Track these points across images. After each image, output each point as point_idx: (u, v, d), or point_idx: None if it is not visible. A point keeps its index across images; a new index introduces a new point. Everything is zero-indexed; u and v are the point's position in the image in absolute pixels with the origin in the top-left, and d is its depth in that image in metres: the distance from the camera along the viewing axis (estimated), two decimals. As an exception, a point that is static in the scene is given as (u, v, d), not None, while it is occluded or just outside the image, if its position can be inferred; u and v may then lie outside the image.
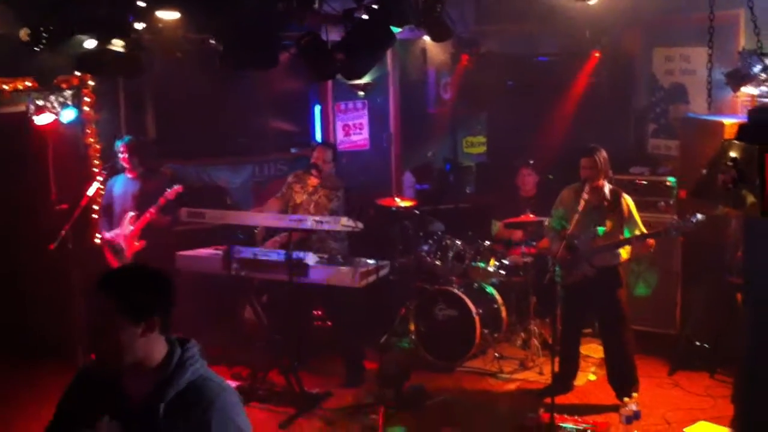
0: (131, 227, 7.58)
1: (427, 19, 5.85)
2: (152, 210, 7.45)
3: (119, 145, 7.66)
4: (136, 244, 7.58)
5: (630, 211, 6.59)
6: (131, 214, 7.58)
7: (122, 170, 7.75)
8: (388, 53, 9.07)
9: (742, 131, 3.99)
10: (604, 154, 6.60)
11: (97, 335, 2.68)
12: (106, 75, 7.50)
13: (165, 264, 7.36)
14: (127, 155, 7.61)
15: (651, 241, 6.53)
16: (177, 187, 7.52)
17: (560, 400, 6.65)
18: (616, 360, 6.77)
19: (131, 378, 2.72)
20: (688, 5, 7.44)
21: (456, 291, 7.70)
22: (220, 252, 7.07)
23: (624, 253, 6.58)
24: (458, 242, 8.01)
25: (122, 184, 7.75)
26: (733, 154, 4.13)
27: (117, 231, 7.67)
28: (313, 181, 7.46)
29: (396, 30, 5.91)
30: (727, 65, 6.91)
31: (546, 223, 7.15)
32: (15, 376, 7.46)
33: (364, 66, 6.05)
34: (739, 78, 6.76)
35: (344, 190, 7.45)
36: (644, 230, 6.56)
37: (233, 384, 7.19)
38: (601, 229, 6.54)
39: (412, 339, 7.88)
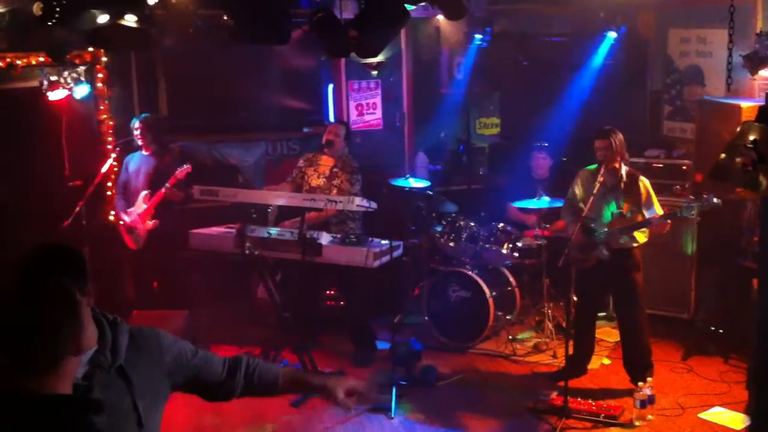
0: (145, 206, 7.58)
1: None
2: (163, 190, 7.45)
3: (135, 122, 7.65)
4: (150, 223, 7.58)
5: (648, 193, 6.52)
6: (145, 192, 7.58)
7: (138, 148, 7.75)
8: (402, 32, 8.98)
9: (762, 113, 3.95)
10: (620, 136, 6.54)
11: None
12: (118, 50, 7.47)
13: (178, 242, 7.40)
14: (141, 132, 7.60)
15: (667, 223, 6.47)
16: (186, 167, 7.52)
17: (574, 383, 6.63)
18: (631, 344, 6.73)
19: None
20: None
21: (469, 273, 7.68)
22: (233, 230, 7.05)
23: (641, 236, 6.52)
24: (472, 223, 7.97)
25: (137, 162, 7.76)
26: (752, 136, 4.08)
27: (132, 210, 7.67)
28: (327, 160, 7.42)
29: (410, 8, 5.86)
30: (743, 47, 6.83)
31: (563, 205, 7.09)
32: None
33: (377, 44, 5.99)
34: (757, 60, 6.69)
35: (361, 173, 7.42)
36: (662, 212, 6.49)
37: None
38: (611, 210, 6.48)
39: (425, 320, 7.87)
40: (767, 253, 5.56)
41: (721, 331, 7.30)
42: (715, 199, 6.25)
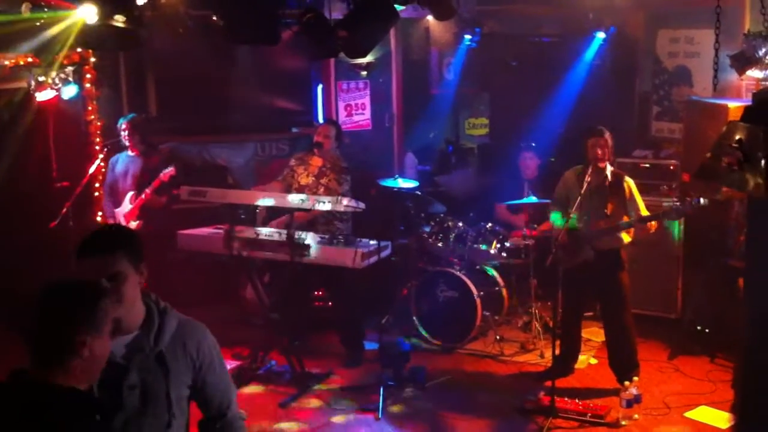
0: (130, 206, 7.57)
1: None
2: (148, 191, 7.44)
3: (122, 123, 7.64)
4: (134, 223, 7.55)
5: (632, 194, 6.55)
6: (131, 193, 7.57)
7: (125, 148, 7.73)
8: (391, 32, 9.00)
9: (748, 112, 3.96)
10: (611, 137, 6.58)
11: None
12: (105, 50, 7.46)
13: (166, 243, 7.38)
14: (128, 133, 7.58)
15: (652, 224, 6.49)
16: (170, 170, 7.50)
17: (561, 383, 6.64)
18: (617, 343, 6.76)
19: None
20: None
21: (457, 273, 7.69)
22: (221, 231, 7.04)
23: (626, 236, 6.55)
24: (460, 224, 7.99)
25: (124, 162, 7.74)
26: (738, 135, 4.10)
27: (118, 210, 7.65)
28: (316, 160, 7.42)
29: (399, 8, 5.87)
30: (731, 48, 6.86)
31: (549, 205, 7.12)
32: (17, 352, 7.45)
33: (366, 44, 6.01)
34: (744, 61, 6.71)
35: (350, 173, 7.42)
36: (646, 213, 6.52)
37: (233, 364, 7.21)
38: (596, 210, 6.51)
39: (413, 320, 7.88)
40: (753, 252, 5.59)
41: (707, 330, 7.33)
42: (702, 200, 6.27)
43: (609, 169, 6.59)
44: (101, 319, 2.46)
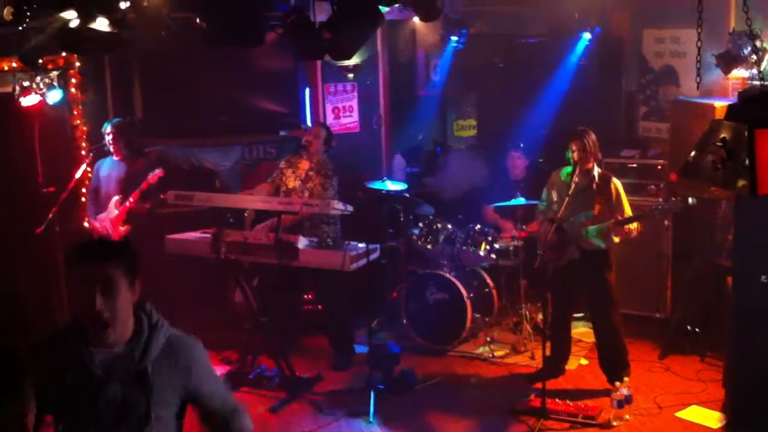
0: (116, 211, 7.52)
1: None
2: (134, 195, 7.40)
3: (107, 127, 7.60)
4: (122, 228, 7.52)
5: (619, 195, 6.54)
6: (116, 198, 7.52)
7: (110, 153, 7.69)
8: (378, 34, 9.00)
9: (732, 111, 3.96)
10: (593, 136, 6.56)
11: (97, 301, 2.72)
12: (89, 53, 7.41)
13: (153, 247, 7.33)
14: (113, 137, 7.54)
15: (632, 226, 6.47)
16: (158, 172, 7.47)
17: (551, 384, 6.64)
18: (606, 344, 6.75)
19: (108, 347, 2.82)
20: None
21: (447, 275, 7.68)
22: (208, 235, 7.01)
23: (613, 237, 6.53)
24: (449, 226, 7.98)
25: (108, 167, 7.70)
26: (722, 134, 4.10)
27: (103, 215, 7.61)
28: (304, 164, 7.40)
29: (384, 9, 5.84)
30: (717, 47, 6.87)
31: (537, 206, 7.11)
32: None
33: (351, 46, 5.96)
34: (729, 60, 6.73)
35: (338, 178, 7.39)
36: (630, 214, 6.51)
37: (222, 369, 7.18)
38: (586, 214, 6.50)
39: (403, 322, 7.85)
40: (742, 250, 5.61)
41: (697, 329, 7.34)
42: (691, 200, 6.28)
43: (596, 170, 6.58)
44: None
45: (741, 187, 4.01)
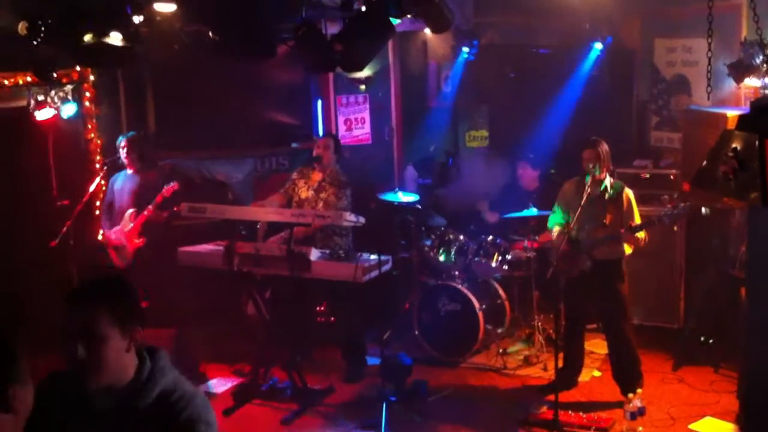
0: (131, 224, 7.56)
1: (425, 10, 5.79)
2: (150, 207, 7.44)
3: (121, 140, 7.64)
4: (137, 241, 7.56)
5: (630, 205, 6.53)
6: (131, 210, 7.56)
7: (124, 166, 7.73)
8: (389, 46, 9.02)
9: (743, 121, 3.95)
10: (605, 146, 6.55)
11: (78, 350, 2.55)
12: (103, 67, 7.47)
13: (167, 260, 7.36)
14: (127, 150, 7.59)
15: (640, 235, 6.44)
16: (173, 185, 7.50)
17: (564, 396, 6.61)
18: (619, 355, 6.72)
19: (101, 390, 2.63)
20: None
21: (459, 286, 7.67)
22: (221, 247, 7.03)
23: (627, 247, 6.52)
24: (461, 237, 7.97)
25: (122, 180, 7.75)
26: (734, 144, 4.10)
27: (117, 228, 7.65)
28: (317, 175, 7.42)
29: (395, 21, 5.87)
30: (729, 56, 6.86)
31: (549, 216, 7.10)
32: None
33: (362, 58, 6.00)
34: (741, 69, 6.71)
35: (351, 188, 7.41)
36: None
37: (235, 381, 7.19)
38: (598, 224, 6.49)
39: (415, 334, 7.85)
40: (755, 261, 5.58)
41: (711, 340, 7.29)
42: (703, 209, 6.27)
43: (608, 179, 6.57)
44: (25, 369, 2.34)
45: (753, 198, 4.01)
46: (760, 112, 3.67)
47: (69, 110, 7.67)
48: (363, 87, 9.32)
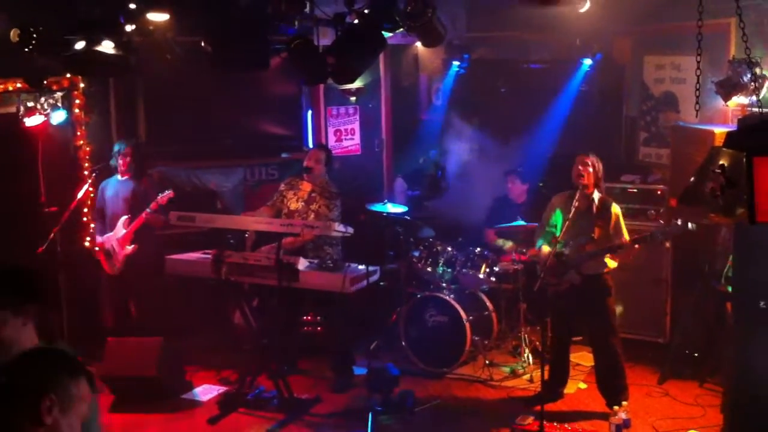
0: (124, 230, 7.56)
1: (418, 24, 5.83)
2: (144, 214, 7.45)
3: (123, 148, 7.63)
4: (129, 247, 7.56)
5: (618, 220, 6.58)
6: (125, 217, 7.56)
7: (115, 172, 7.73)
8: (381, 59, 9.07)
9: (730, 138, 4.01)
10: (600, 163, 6.62)
11: None
12: (95, 76, 7.48)
13: (156, 268, 7.36)
14: (130, 158, 7.60)
15: (634, 248, 6.50)
16: (169, 193, 7.51)
17: (550, 407, 6.63)
18: (605, 368, 6.76)
19: None
20: (678, 14, 7.44)
21: (446, 297, 7.69)
22: (209, 256, 7.03)
23: (611, 262, 6.57)
24: (449, 248, 8.00)
25: (114, 187, 7.74)
26: (721, 161, 4.14)
27: (110, 235, 7.65)
28: (306, 186, 7.42)
29: (387, 35, 5.91)
30: (717, 74, 6.94)
31: (536, 229, 7.14)
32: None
33: (354, 71, 6.04)
34: (729, 87, 6.78)
35: (341, 199, 7.42)
36: (628, 239, 6.55)
37: (221, 389, 7.18)
38: (586, 238, 6.54)
39: (402, 345, 7.86)
40: (741, 276, 5.64)
41: (696, 354, 7.33)
42: (690, 225, 6.31)
43: (597, 194, 6.62)
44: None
45: (740, 215, 4.05)
46: (747, 130, 3.73)
47: (58, 117, 7.68)
48: (354, 98, 9.36)
